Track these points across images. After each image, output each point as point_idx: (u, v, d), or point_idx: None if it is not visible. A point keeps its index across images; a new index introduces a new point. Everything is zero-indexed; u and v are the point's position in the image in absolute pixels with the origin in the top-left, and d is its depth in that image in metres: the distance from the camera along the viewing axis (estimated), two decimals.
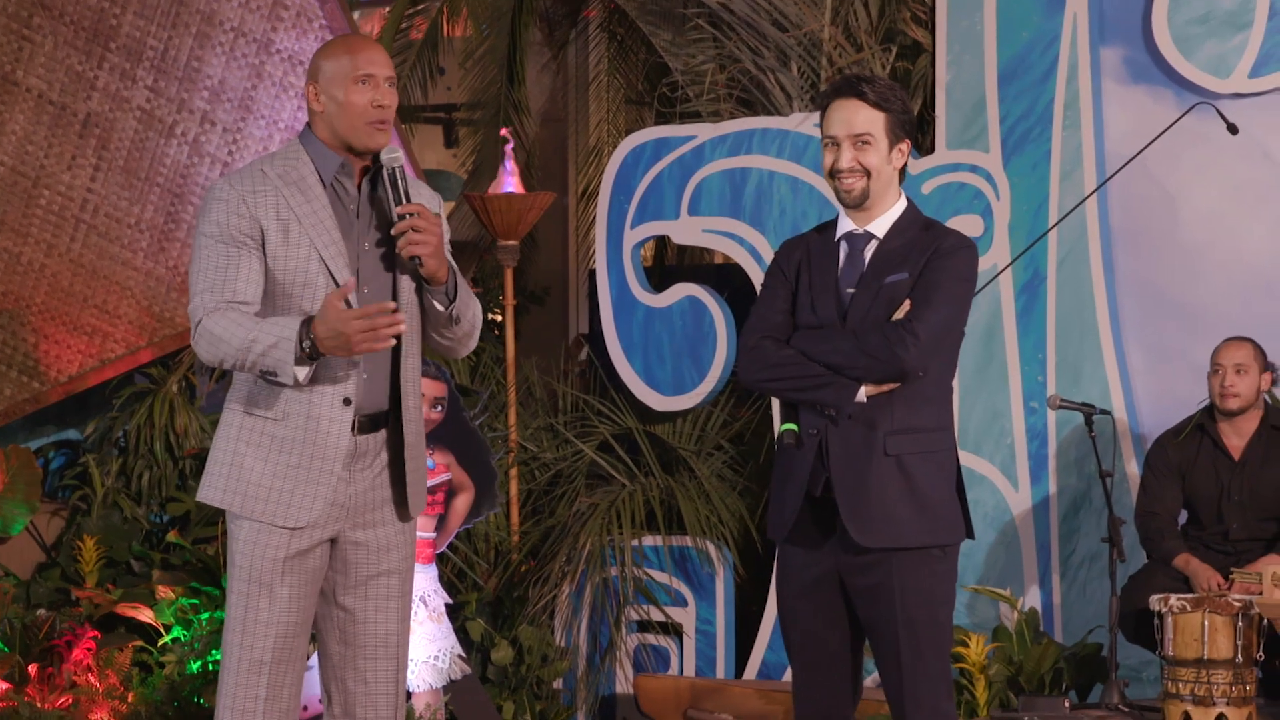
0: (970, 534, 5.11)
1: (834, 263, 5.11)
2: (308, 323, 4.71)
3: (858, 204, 5.04)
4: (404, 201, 4.84)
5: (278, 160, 4.93)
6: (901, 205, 5.10)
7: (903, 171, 5.11)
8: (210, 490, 4.92)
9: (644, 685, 8.08)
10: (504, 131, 8.79)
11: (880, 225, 5.07)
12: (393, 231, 4.85)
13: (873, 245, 5.07)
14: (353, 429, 4.87)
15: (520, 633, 8.16)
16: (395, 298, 4.90)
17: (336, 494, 4.89)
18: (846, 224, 5.11)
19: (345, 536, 4.94)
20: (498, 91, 9.90)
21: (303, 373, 4.72)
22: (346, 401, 4.84)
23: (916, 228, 5.07)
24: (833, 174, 5.07)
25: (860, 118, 5.04)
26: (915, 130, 5.14)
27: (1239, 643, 6.72)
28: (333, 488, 4.85)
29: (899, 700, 5.05)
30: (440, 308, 4.94)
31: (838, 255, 5.11)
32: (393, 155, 4.88)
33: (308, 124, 4.97)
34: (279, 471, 4.86)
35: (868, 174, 5.02)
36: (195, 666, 7.58)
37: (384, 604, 5.00)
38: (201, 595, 7.79)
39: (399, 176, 4.86)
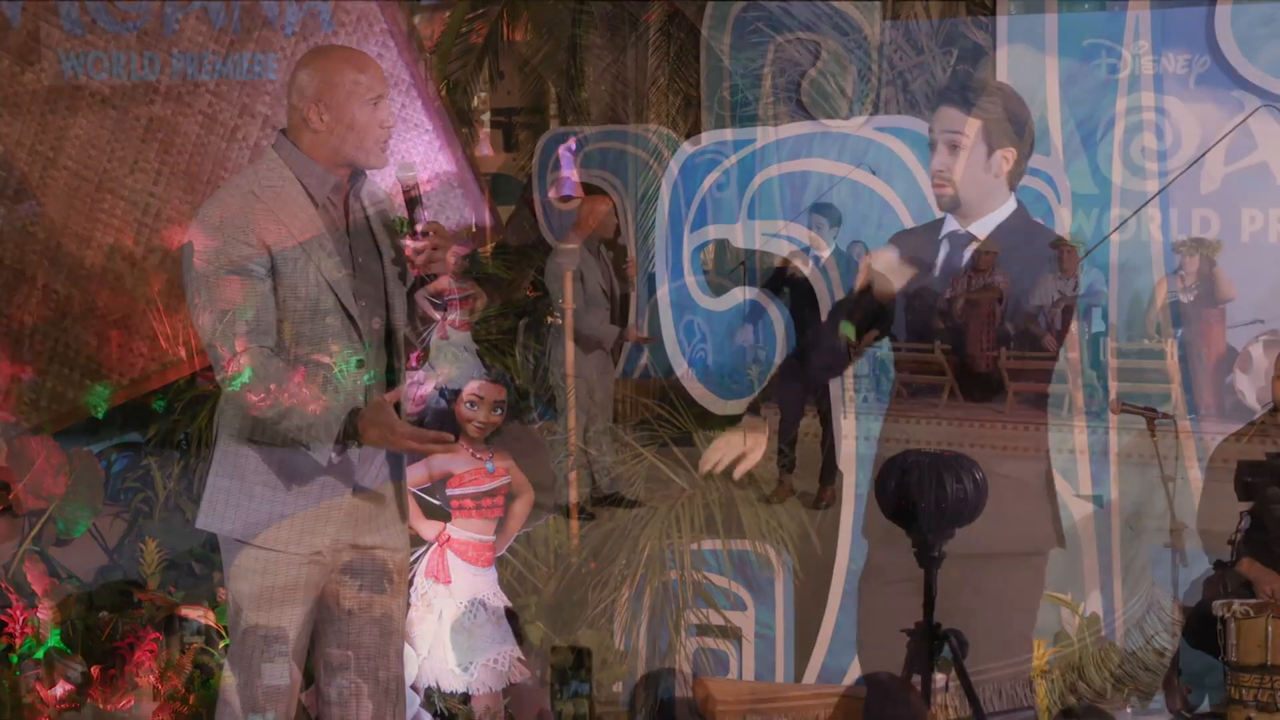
0: None
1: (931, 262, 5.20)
2: (354, 415, 4.70)
3: (950, 209, 5.05)
4: (423, 219, 4.85)
5: (262, 179, 4.79)
6: (1010, 208, 5.10)
7: (1012, 176, 5.10)
8: (213, 520, 4.85)
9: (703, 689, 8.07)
10: (579, 135, 8.79)
11: (982, 226, 5.08)
12: (414, 247, 4.84)
13: (972, 246, 5.09)
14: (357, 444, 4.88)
15: (579, 636, 8.16)
16: (389, 310, 4.90)
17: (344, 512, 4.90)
18: (951, 224, 5.12)
19: (350, 545, 4.93)
20: (557, 95, 9.90)
21: (333, 454, 4.73)
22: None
23: (1019, 233, 5.07)
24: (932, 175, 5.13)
25: (955, 122, 5.06)
26: (1025, 138, 5.08)
27: None
28: (345, 512, 4.85)
29: None
30: (435, 315, 4.95)
31: (936, 254, 5.15)
32: (409, 173, 4.85)
33: (282, 133, 4.87)
34: (289, 500, 4.83)
35: (954, 179, 5.05)
36: None
37: (382, 603, 4.99)
38: None
39: (418, 194, 4.86)
